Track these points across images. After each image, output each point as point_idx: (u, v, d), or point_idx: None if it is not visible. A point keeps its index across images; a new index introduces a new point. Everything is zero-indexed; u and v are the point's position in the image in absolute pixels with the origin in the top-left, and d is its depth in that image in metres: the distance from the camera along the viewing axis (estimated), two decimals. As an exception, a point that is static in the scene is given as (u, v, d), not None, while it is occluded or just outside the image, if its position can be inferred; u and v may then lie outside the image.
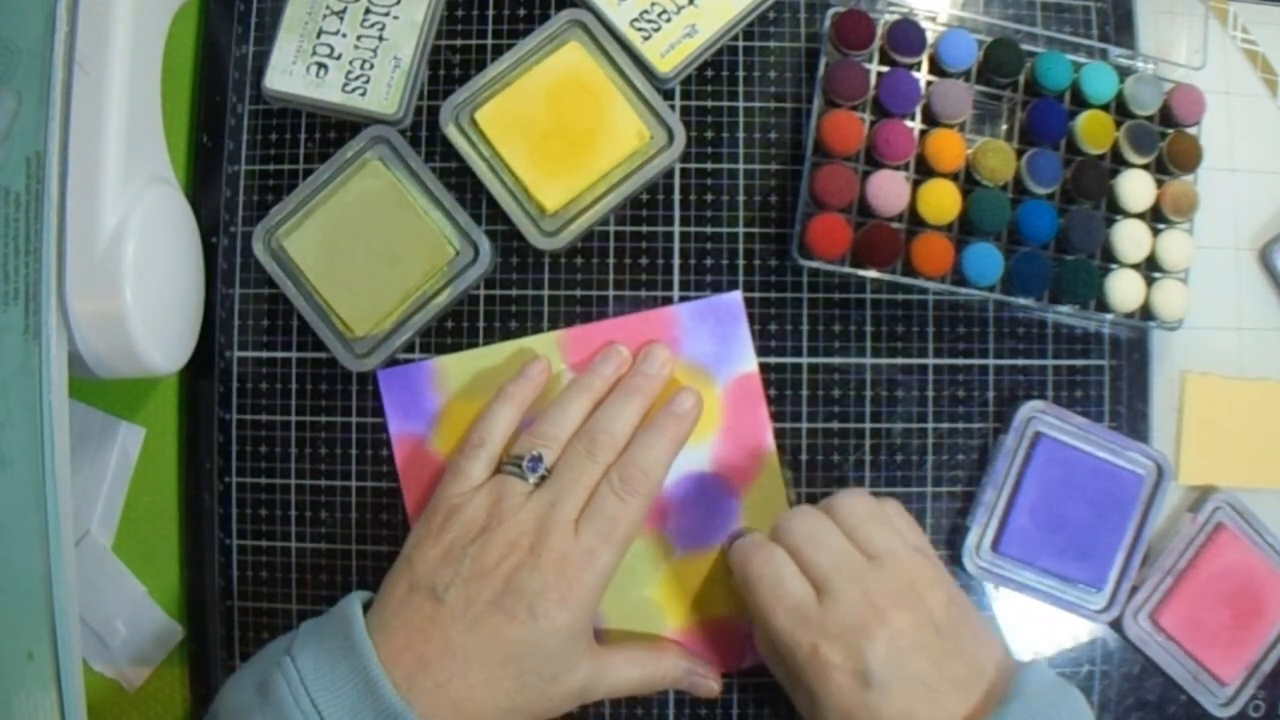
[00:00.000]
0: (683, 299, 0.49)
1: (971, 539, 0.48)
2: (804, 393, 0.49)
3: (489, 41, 0.50)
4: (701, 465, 0.48)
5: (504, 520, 0.41)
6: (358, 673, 0.38)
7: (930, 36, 0.47)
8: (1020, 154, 0.47)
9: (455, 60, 0.50)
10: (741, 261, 0.49)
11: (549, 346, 0.49)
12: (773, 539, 0.42)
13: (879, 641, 0.38)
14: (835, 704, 0.38)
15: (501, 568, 0.40)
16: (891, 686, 0.37)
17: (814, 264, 0.47)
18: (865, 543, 0.41)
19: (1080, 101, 0.47)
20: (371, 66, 0.48)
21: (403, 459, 0.48)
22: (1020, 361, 0.49)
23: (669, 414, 0.45)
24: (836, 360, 0.49)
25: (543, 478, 0.43)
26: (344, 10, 0.49)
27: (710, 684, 0.45)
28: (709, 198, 0.49)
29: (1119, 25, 0.50)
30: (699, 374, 0.48)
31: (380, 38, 0.48)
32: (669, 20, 0.48)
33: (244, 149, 0.50)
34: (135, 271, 0.41)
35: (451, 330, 0.49)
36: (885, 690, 0.37)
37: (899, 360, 0.49)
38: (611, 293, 0.49)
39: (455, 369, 0.49)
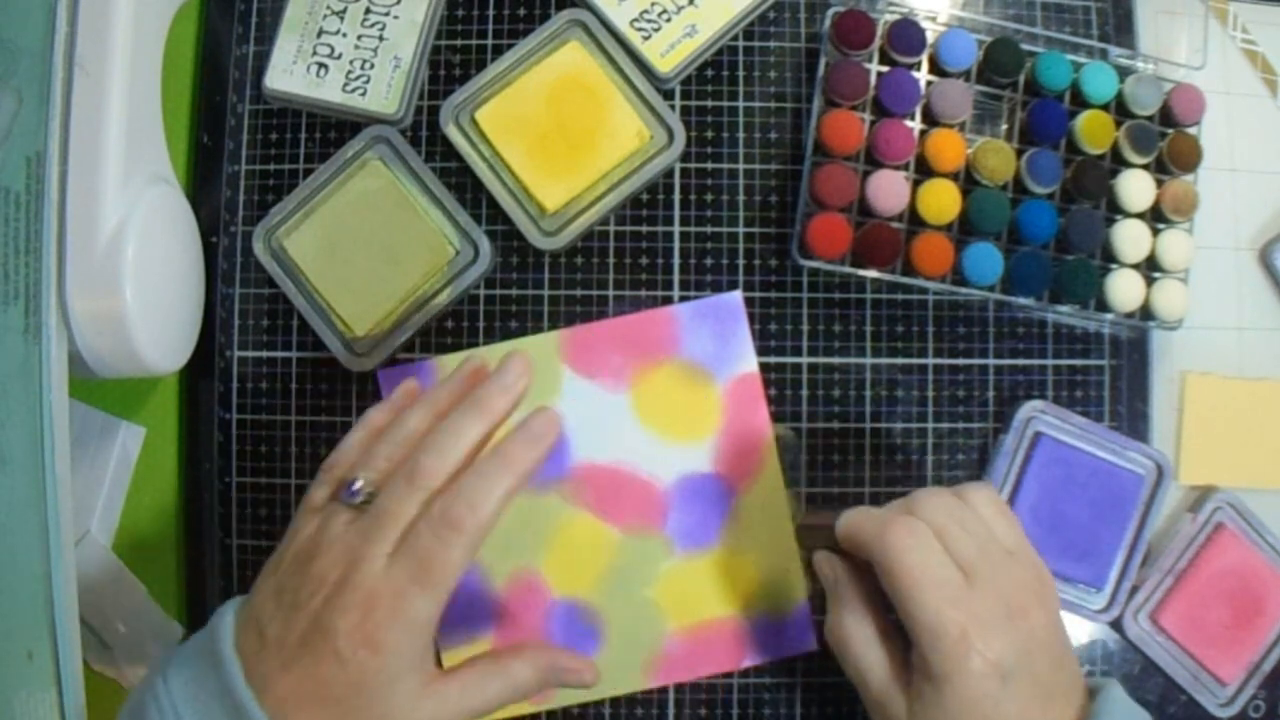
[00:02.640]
0: (683, 299, 0.49)
1: (971, 539, 0.48)
2: (804, 393, 0.49)
3: (489, 41, 0.50)
4: (701, 465, 0.48)
5: (320, 552, 0.37)
6: (226, 696, 0.35)
7: (930, 36, 0.47)
8: (1020, 154, 0.47)
9: (455, 60, 0.50)
10: (741, 261, 0.49)
11: (549, 346, 0.49)
12: (908, 514, 0.40)
13: (1019, 636, 0.38)
14: (965, 690, 0.37)
15: (311, 604, 0.36)
16: (1021, 683, 0.37)
17: (814, 264, 0.47)
18: (1001, 537, 0.40)
19: (1080, 101, 0.47)
20: (372, 66, 0.48)
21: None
22: (1020, 361, 0.49)
23: (518, 439, 0.37)
24: (836, 360, 0.49)
25: (366, 504, 0.38)
26: (344, 10, 0.49)
27: (583, 673, 0.41)
28: (709, 198, 0.49)
29: (1119, 25, 0.50)
30: (699, 374, 0.48)
31: (380, 37, 0.48)
32: (669, 20, 0.48)
33: (244, 149, 0.50)
34: (135, 271, 0.41)
35: (451, 330, 0.49)
36: (1015, 686, 0.37)
37: (899, 360, 0.49)
38: (611, 293, 0.49)
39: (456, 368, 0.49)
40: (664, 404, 0.48)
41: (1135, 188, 0.46)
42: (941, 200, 0.46)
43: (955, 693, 0.37)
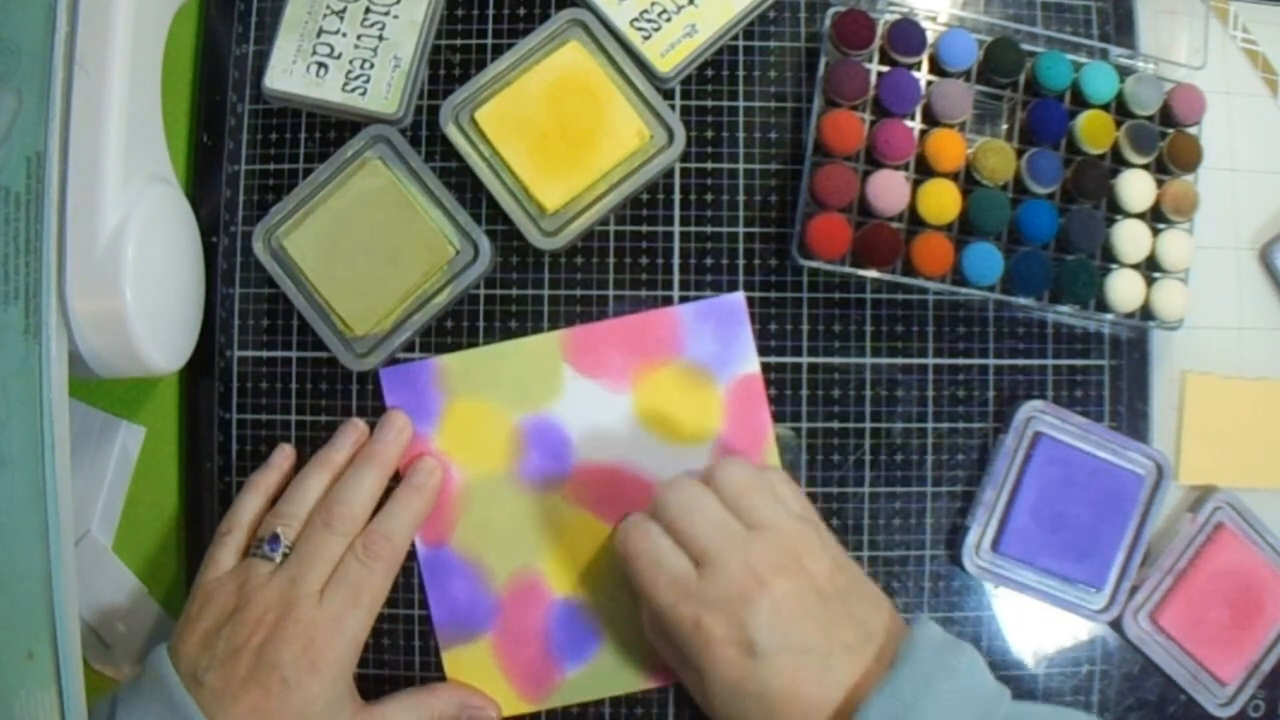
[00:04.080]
0: (683, 299, 0.49)
1: (971, 539, 0.48)
2: (804, 393, 0.49)
3: (489, 41, 0.50)
4: (703, 466, 0.48)
5: (250, 600, 0.42)
6: None
7: (930, 36, 0.47)
8: (1020, 154, 0.47)
9: (455, 60, 0.50)
10: (741, 261, 0.49)
11: (550, 346, 0.49)
12: (651, 513, 0.42)
13: (761, 611, 0.38)
14: (722, 676, 0.38)
15: (251, 644, 0.41)
16: (778, 655, 0.37)
17: (814, 264, 0.47)
18: (746, 513, 0.40)
19: (1080, 101, 0.47)
20: (371, 66, 0.48)
21: (406, 458, 0.48)
22: (1020, 361, 0.49)
23: (408, 488, 0.46)
24: (836, 360, 0.49)
25: (286, 555, 0.44)
26: (344, 10, 0.49)
27: (486, 708, 0.46)
28: (709, 198, 0.49)
29: (1119, 25, 0.50)
30: (700, 375, 0.48)
31: (380, 37, 0.48)
32: (669, 20, 0.48)
33: (244, 148, 0.50)
34: (135, 271, 0.41)
35: (451, 330, 0.49)
36: (771, 659, 0.37)
37: (899, 360, 0.49)
38: (611, 292, 0.49)
39: (458, 368, 0.49)
40: (665, 405, 0.48)
41: (1135, 188, 0.46)
42: (941, 200, 0.46)
43: (715, 677, 0.38)
